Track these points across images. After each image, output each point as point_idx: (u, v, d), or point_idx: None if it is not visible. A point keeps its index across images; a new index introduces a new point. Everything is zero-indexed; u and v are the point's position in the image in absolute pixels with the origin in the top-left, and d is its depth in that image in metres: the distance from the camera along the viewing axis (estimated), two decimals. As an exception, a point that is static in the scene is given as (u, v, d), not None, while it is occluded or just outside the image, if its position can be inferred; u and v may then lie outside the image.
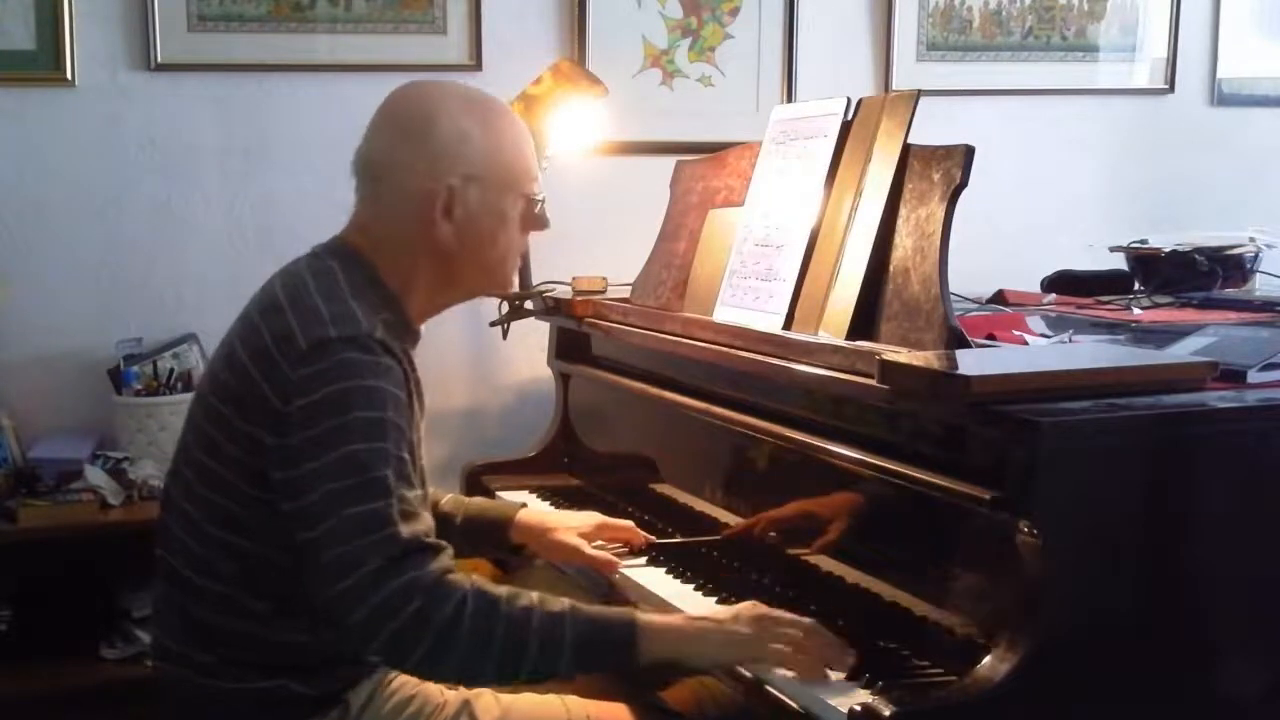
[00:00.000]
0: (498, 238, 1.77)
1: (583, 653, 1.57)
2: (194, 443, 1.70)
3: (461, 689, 1.79)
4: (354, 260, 1.73)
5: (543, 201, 1.81)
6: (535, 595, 1.59)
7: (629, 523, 2.11)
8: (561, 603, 1.59)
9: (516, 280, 2.71)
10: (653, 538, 2.09)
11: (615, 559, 2.04)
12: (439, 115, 1.73)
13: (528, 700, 1.83)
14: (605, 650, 1.59)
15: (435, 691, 1.78)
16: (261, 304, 1.70)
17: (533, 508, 2.19)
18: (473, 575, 1.58)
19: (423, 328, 1.80)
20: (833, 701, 1.51)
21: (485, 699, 1.78)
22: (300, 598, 1.61)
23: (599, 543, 2.07)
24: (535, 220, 1.81)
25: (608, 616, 1.61)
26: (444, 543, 1.59)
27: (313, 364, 1.58)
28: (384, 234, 1.75)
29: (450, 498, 2.11)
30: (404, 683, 1.77)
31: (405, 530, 1.54)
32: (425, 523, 1.59)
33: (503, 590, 1.58)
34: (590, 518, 2.10)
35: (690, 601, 1.88)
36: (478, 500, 2.17)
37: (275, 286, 1.71)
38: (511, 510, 2.10)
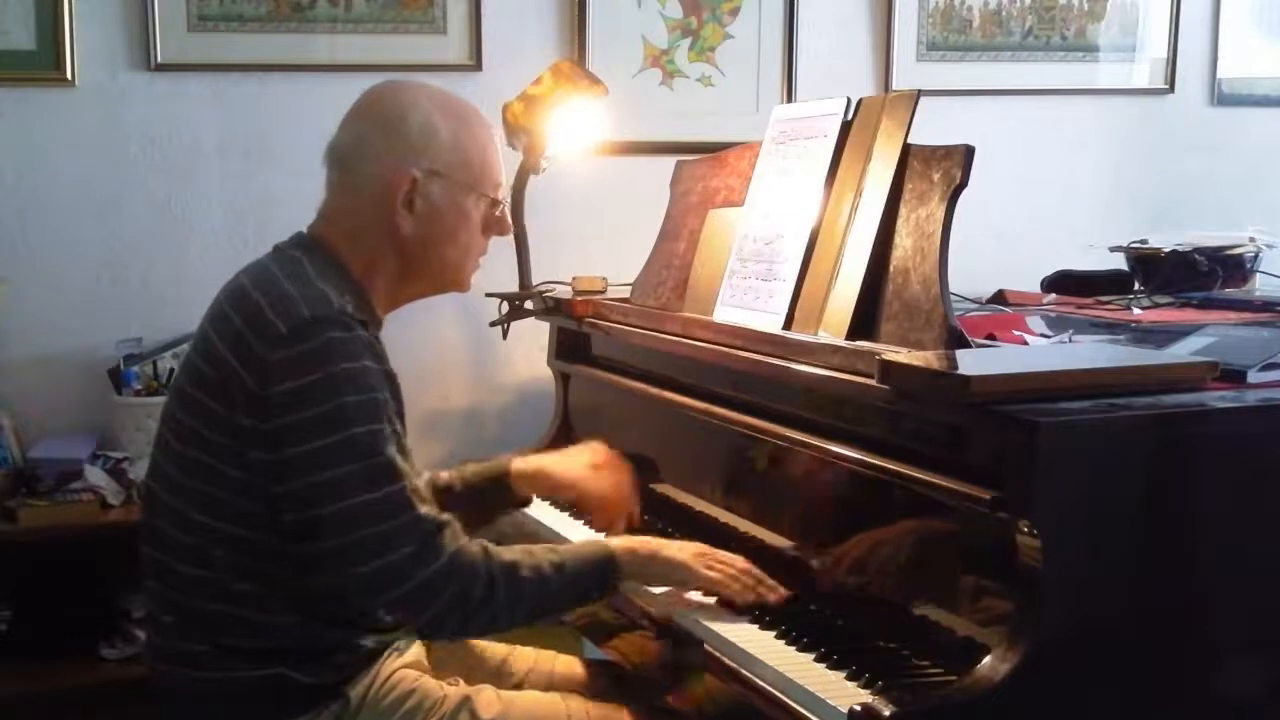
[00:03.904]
0: (458, 235, 1.80)
1: (582, 591, 1.76)
2: (173, 436, 1.72)
3: (462, 684, 1.81)
4: (318, 249, 1.76)
5: (505, 206, 1.86)
6: (536, 550, 1.72)
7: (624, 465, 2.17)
8: (555, 550, 1.75)
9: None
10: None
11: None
12: (410, 110, 1.77)
13: (529, 698, 1.84)
14: (599, 582, 1.77)
15: (435, 686, 1.79)
16: (231, 295, 1.72)
17: (528, 459, 2.19)
18: (482, 541, 1.68)
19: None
20: (833, 701, 1.51)
21: (486, 694, 1.79)
22: (285, 577, 1.65)
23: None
24: (496, 224, 1.86)
25: (592, 552, 1.78)
26: (450, 516, 1.66)
27: (294, 346, 1.60)
28: (348, 223, 1.78)
29: (445, 472, 2.15)
30: (403, 677, 1.78)
31: (424, 511, 1.62)
32: (428, 500, 1.66)
33: (514, 553, 1.69)
34: (585, 452, 2.16)
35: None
36: (469, 466, 2.18)
37: (242, 279, 1.74)
38: (505, 465, 2.14)
